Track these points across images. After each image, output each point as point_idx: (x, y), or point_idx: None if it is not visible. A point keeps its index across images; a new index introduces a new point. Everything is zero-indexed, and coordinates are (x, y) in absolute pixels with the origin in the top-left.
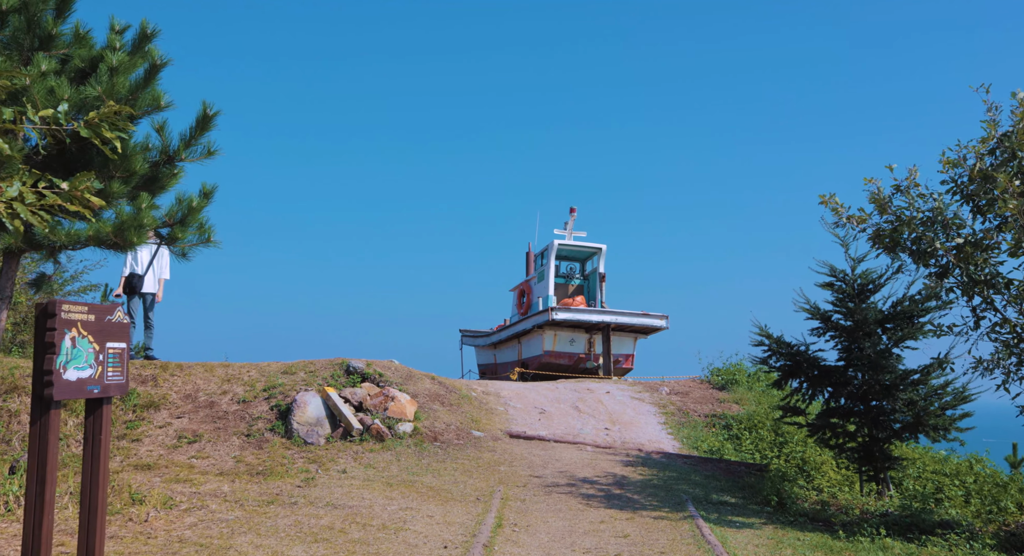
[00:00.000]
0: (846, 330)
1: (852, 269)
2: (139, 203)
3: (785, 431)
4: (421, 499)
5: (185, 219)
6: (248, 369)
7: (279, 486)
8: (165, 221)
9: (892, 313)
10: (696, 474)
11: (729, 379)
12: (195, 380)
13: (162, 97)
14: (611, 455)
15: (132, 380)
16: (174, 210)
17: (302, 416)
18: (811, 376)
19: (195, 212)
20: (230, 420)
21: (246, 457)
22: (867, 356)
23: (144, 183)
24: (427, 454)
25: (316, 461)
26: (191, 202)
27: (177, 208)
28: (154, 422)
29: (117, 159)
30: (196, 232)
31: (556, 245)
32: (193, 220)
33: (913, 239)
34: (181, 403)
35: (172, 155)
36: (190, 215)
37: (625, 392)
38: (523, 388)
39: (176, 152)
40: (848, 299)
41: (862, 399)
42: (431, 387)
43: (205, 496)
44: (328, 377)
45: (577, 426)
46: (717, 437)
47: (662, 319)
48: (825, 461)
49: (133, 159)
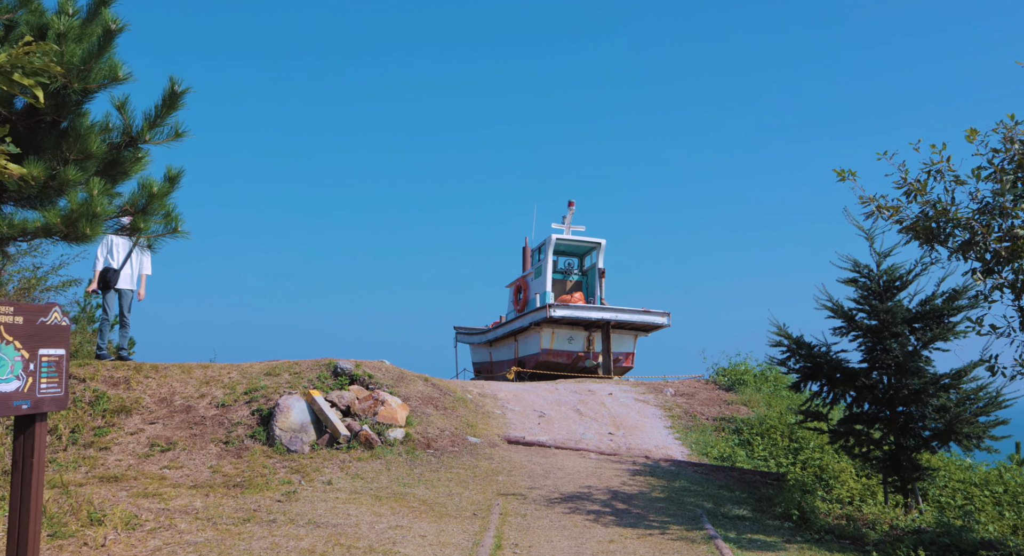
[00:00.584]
0: (871, 330)
1: (877, 264)
2: (91, 188)
3: (800, 436)
4: (413, 515)
5: (148, 207)
6: (229, 370)
7: (257, 501)
8: (125, 210)
9: (921, 312)
10: (708, 484)
11: (736, 379)
12: (171, 382)
13: (120, 67)
14: (616, 463)
15: (103, 383)
16: (135, 197)
17: (285, 421)
18: (833, 379)
19: (159, 199)
20: (207, 426)
21: (223, 467)
22: (894, 358)
23: (104, 168)
24: (419, 463)
25: (299, 471)
26: (152, 188)
27: (139, 195)
28: (125, 428)
29: (44, 107)
30: (162, 221)
31: (554, 240)
32: (159, 208)
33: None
34: (155, 407)
35: (135, 136)
36: (153, 202)
37: (628, 393)
38: (521, 389)
39: (140, 133)
40: (873, 296)
41: (888, 404)
42: (424, 389)
43: (174, 513)
44: (314, 379)
45: (579, 431)
46: (727, 442)
47: (663, 316)
48: (844, 469)
49: (88, 139)
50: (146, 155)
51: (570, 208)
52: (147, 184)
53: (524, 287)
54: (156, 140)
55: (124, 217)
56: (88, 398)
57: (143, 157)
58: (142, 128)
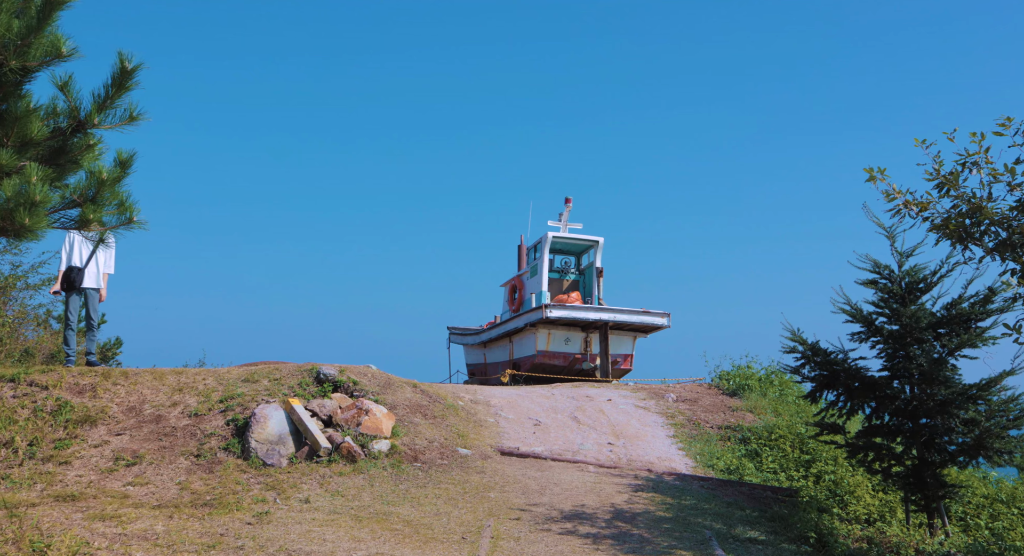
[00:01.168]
0: (892, 335)
1: (899, 264)
2: (28, 175)
3: (811, 447)
4: (395, 540)
5: (97, 195)
6: (204, 376)
7: (226, 523)
8: (72, 199)
9: (947, 316)
10: (716, 501)
11: (740, 384)
12: (142, 390)
13: (63, 42)
14: (617, 477)
15: (67, 390)
16: (83, 185)
17: (262, 433)
18: (851, 388)
19: (109, 186)
20: (178, 437)
21: (193, 483)
22: (918, 366)
23: (50, 156)
24: (405, 477)
25: (275, 487)
26: (101, 173)
27: (87, 183)
28: (88, 440)
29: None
30: (116, 212)
31: (550, 238)
32: (112, 198)
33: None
34: (123, 417)
35: (83, 120)
36: (103, 190)
37: (628, 399)
38: (515, 395)
39: (88, 117)
40: (894, 299)
41: (911, 416)
42: (412, 396)
43: (131, 539)
44: (295, 386)
45: (577, 441)
46: (734, 453)
47: (663, 317)
48: (860, 483)
49: (29, 122)
50: (99, 142)
51: (567, 205)
52: (96, 170)
53: (519, 286)
54: (107, 124)
55: (73, 208)
56: (50, 408)
57: (95, 144)
58: (90, 111)
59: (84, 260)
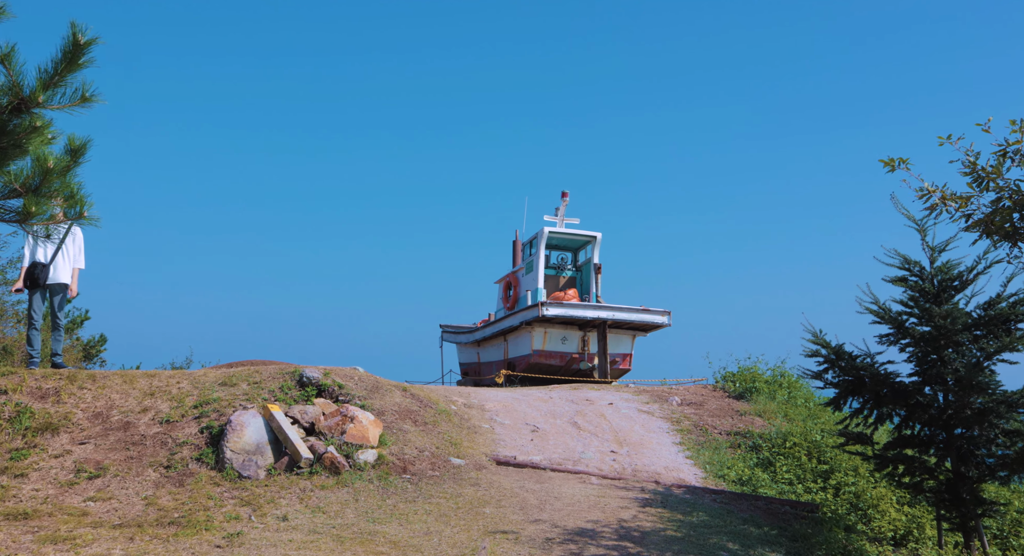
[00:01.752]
0: (924, 338)
1: (931, 260)
2: None
3: (829, 457)
4: None
5: (42, 186)
6: (179, 379)
7: (192, 547)
8: (14, 189)
9: (984, 317)
10: (731, 517)
11: (747, 386)
12: (110, 394)
13: None
14: (622, 489)
15: (28, 395)
16: (27, 174)
17: (238, 442)
18: (879, 395)
19: (57, 176)
20: (147, 446)
21: (160, 498)
22: (953, 371)
23: None
24: (393, 491)
25: (250, 503)
26: (47, 162)
27: (32, 172)
28: (49, 450)
29: None
30: (64, 205)
31: (546, 233)
32: (61, 189)
33: None
34: (87, 424)
35: (27, 98)
36: (49, 180)
37: (630, 403)
38: (511, 398)
39: (33, 94)
40: (926, 298)
41: (945, 426)
42: (401, 401)
43: None
44: (276, 390)
45: (577, 448)
46: (746, 462)
47: (663, 315)
48: (883, 496)
49: None
50: (48, 125)
51: (564, 199)
52: (41, 158)
53: (514, 283)
54: (53, 104)
55: (14, 198)
56: (8, 414)
57: (43, 127)
58: (35, 88)
59: (48, 255)
